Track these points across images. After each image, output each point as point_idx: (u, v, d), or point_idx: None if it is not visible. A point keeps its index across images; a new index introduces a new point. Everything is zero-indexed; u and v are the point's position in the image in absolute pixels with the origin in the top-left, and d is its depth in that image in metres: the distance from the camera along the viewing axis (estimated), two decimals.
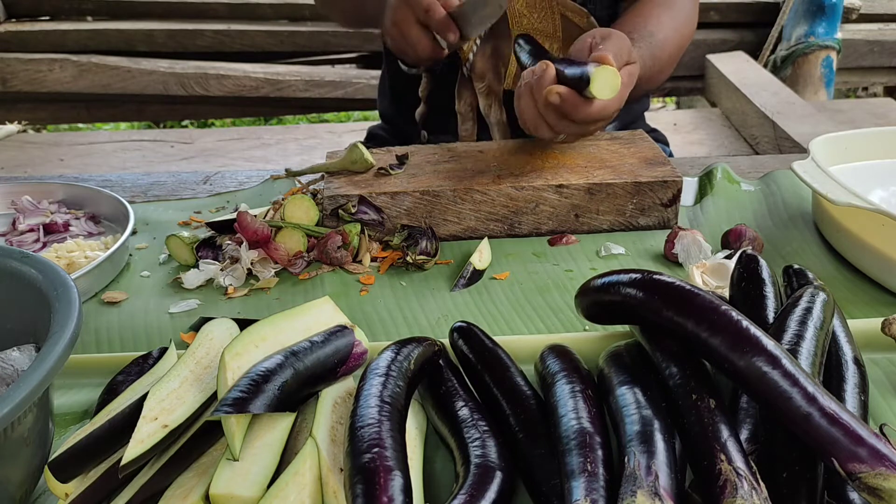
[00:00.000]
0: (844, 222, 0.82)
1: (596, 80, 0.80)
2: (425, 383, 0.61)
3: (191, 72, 2.91)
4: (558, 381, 0.56)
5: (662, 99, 3.85)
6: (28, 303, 0.58)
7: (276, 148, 2.41)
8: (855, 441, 0.43)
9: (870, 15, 3.15)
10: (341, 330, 0.59)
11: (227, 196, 1.06)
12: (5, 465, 0.49)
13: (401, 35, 0.96)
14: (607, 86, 0.80)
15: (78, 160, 2.31)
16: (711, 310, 0.52)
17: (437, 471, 0.57)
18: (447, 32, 0.94)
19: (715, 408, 0.49)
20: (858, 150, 0.96)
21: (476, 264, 0.83)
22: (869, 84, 3.40)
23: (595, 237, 0.91)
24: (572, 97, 0.81)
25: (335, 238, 0.85)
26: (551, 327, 0.75)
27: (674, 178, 0.90)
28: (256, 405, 0.50)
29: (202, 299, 0.82)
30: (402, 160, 0.95)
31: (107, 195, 0.97)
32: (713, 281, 0.77)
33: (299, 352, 0.55)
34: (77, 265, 0.83)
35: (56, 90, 2.93)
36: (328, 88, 2.96)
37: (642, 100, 1.31)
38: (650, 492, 0.43)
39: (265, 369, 0.53)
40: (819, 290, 0.63)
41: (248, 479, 0.49)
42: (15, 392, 0.46)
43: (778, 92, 2.47)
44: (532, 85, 0.84)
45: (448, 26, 0.93)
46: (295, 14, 3.18)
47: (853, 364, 0.59)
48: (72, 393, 0.67)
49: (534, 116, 0.85)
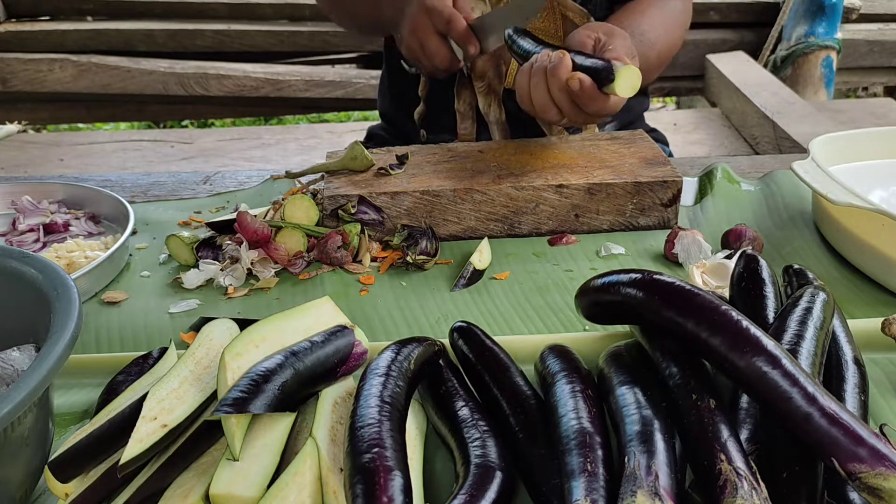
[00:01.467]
0: (844, 222, 0.82)
1: (620, 78, 0.81)
2: (425, 383, 0.61)
3: (191, 72, 2.91)
4: (558, 381, 0.56)
5: (662, 99, 3.85)
6: (28, 303, 0.58)
7: (276, 148, 2.41)
8: (855, 441, 0.43)
9: (870, 15, 3.15)
10: (341, 330, 0.59)
11: (227, 196, 1.06)
12: (5, 465, 0.49)
13: (419, 45, 0.96)
14: (629, 85, 0.82)
15: (78, 160, 2.31)
16: (711, 310, 0.52)
17: (437, 471, 0.57)
18: (468, 45, 0.94)
19: (715, 408, 0.49)
20: (858, 150, 0.96)
21: (476, 264, 0.84)
22: (869, 84, 3.41)
23: (595, 237, 0.91)
24: (592, 88, 0.82)
25: (335, 238, 0.85)
26: (551, 327, 0.75)
27: (674, 178, 0.90)
28: (256, 405, 0.50)
29: (202, 299, 0.82)
30: (402, 160, 0.95)
31: (107, 195, 0.97)
32: (713, 281, 0.77)
33: (299, 352, 0.55)
34: (77, 265, 0.83)
35: (56, 90, 2.93)
36: (328, 88, 2.96)
37: (641, 99, 1.31)
38: (650, 492, 0.43)
39: (265, 369, 0.53)
40: (819, 290, 0.63)
41: (249, 479, 0.49)
42: (15, 392, 0.46)
43: (778, 92, 2.47)
44: (547, 68, 0.84)
45: (469, 38, 0.93)
46: (295, 14, 3.18)
47: (853, 364, 0.59)
48: (72, 393, 0.67)
49: (544, 99, 0.85)
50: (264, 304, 0.80)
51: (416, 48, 0.97)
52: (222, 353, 0.54)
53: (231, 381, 0.52)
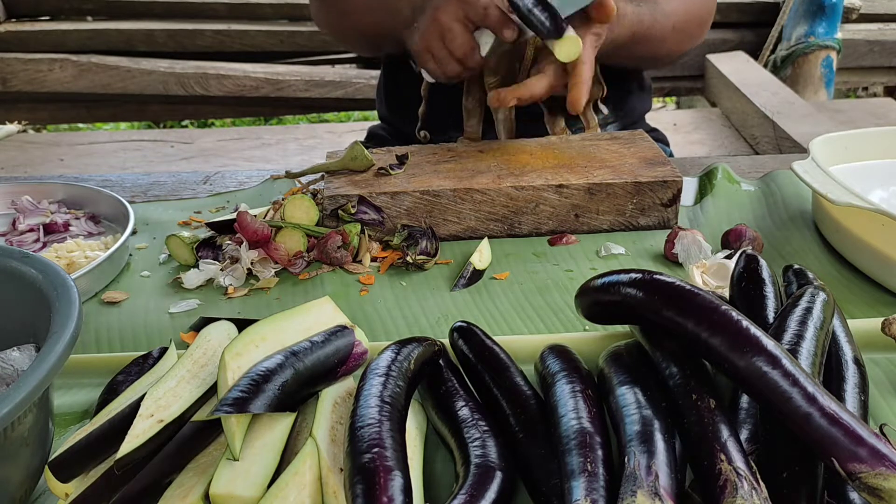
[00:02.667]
0: (844, 222, 0.82)
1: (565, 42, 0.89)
2: (425, 383, 0.61)
3: (191, 72, 2.91)
4: (558, 381, 0.56)
5: (662, 99, 3.85)
6: (28, 303, 0.58)
7: (276, 148, 2.41)
8: (855, 441, 0.43)
9: (870, 15, 3.15)
10: (341, 330, 0.59)
11: (227, 196, 1.06)
12: (5, 465, 0.49)
13: (440, 34, 0.92)
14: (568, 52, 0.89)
15: (78, 160, 2.31)
16: (711, 310, 0.52)
17: (437, 471, 0.57)
18: (505, 29, 0.90)
19: (715, 408, 0.49)
20: (858, 150, 0.95)
21: (476, 264, 0.84)
22: (869, 84, 3.41)
23: (595, 237, 0.91)
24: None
25: (335, 238, 0.85)
26: (551, 327, 0.75)
27: (674, 178, 0.90)
28: (256, 405, 0.50)
29: (202, 299, 0.82)
30: (402, 160, 0.95)
31: (107, 195, 0.97)
32: (713, 281, 0.77)
33: (299, 352, 0.55)
34: (77, 265, 0.83)
35: (56, 90, 2.92)
36: (328, 88, 2.96)
37: (644, 99, 1.30)
38: (650, 492, 0.43)
39: (265, 369, 0.53)
40: (819, 290, 0.62)
41: (249, 478, 0.49)
42: (15, 392, 0.46)
43: (778, 92, 2.47)
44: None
45: (507, 23, 0.90)
46: (295, 14, 3.18)
47: (853, 364, 0.59)
48: (72, 393, 0.67)
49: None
50: (264, 304, 0.80)
51: (435, 39, 0.93)
52: (222, 353, 0.55)
53: (231, 381, 0.52)
